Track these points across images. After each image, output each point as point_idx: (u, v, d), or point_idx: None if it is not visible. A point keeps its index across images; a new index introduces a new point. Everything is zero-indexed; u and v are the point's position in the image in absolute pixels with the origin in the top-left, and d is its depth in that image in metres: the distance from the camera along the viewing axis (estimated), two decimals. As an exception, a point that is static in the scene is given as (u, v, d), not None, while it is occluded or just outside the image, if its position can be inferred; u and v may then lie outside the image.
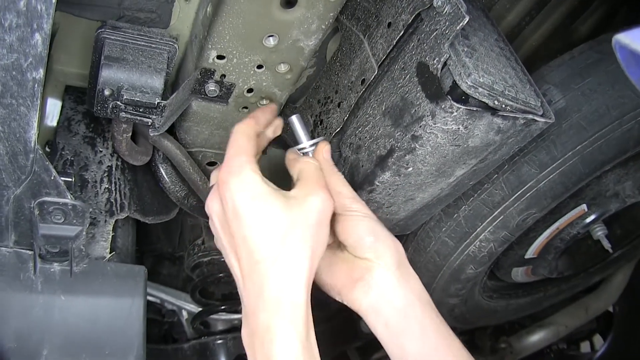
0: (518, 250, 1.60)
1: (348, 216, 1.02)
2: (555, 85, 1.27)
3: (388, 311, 0.97)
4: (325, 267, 1.02)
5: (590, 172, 1.30)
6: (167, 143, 1.18)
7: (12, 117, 0.85)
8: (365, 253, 1.00)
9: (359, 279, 0.98)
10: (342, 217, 1.03)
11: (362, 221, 1.02)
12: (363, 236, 1.01)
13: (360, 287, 0.98)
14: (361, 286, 0.98)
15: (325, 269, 1.01)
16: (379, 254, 1.00)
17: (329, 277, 1.00)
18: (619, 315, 2.53)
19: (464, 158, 1.02)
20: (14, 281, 1.00)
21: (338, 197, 1.03)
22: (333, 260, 1.02)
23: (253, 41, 1.02)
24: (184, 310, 1.93)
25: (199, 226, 1.76)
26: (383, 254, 1.00)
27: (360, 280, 0.98)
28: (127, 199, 1.23)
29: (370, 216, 1.04)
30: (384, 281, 0.98)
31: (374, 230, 1.02)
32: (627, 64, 0.71)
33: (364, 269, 0.99)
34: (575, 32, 1.51)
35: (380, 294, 0.97)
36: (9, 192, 0.94)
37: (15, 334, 0.98)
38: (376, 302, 0.97)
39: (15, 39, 0.77)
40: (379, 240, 1.01)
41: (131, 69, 1.00)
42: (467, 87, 0.91)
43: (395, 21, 1.03)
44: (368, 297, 0.97)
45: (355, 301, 0.98)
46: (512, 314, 2.02)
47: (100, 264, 1.08)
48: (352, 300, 0.99)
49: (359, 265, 1.00)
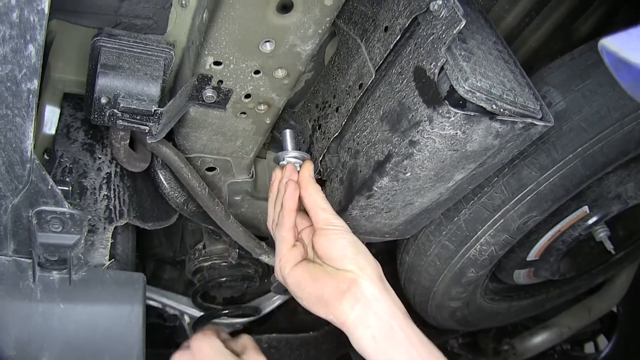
0: (520, 252, 1.59)
1: (330, 230, 1.05)
2: (555, 86, 1.26)
3: (375, 323, 0.97)
4: (310, 279, 1.02)
5: (591, 174, 1.29)
6: (166, 150, 1.18)
7: (8, 128, 0.85)
8: (348, 265, 1.01)
9: (346, 291, 0.99)
10: (324, 232, 1.05)
11: (344, 235, 1.04)
12: (345, 248, 1.02)
13: (347, 298, 0.98)
14: (348, 298, 0.98)
15: (311, 282, 1.02)
16: (361, 266, 1.01)
17: (316, 289, 1.01)
18: (623, 316, 2.52)
19: (462, 163, 1.02)
20: (14, 289, 1.00)
21: (322, 213, 1.06)
22: (317, 274, 1.03)
23: (250, 47, 1.02)
24: (186, 314, 1.92)
25: (200, 231, 1.76)
26: (365, 266, 1.01)
27: (347, 292, 0.98)
28: (126, 205, 1.23)
29: (351, 233, 1.06)
30: (369, 292, 0.99)
31: (355, 244, 1.04)
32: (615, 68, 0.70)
33: (350, 281, 0.99)
34: (576, 32, 1.50)
35: (367, 306, 0.98)
36: (6, 201, 0.94)
37: (14, 342, 0.98)
38: (364, 313, 0.97)
39: (9, 50, 0.77)
40: (359, 253, 1.03)
41: (127, 76, 1.00)
42: (464, 92, 0.91)
43: (392, 25, 1.03)
44: (354, 309, 0.98)
45: (342, 314, 0.98)
46: (515, 316, 2.01)
47: (99, 272, 1.07)
48: (340, 313, 0.99)
49: (343, 276, 1.00)
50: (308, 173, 1.10)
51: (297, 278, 1.03)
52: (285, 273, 1.04)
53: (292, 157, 1.13)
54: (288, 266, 1.04)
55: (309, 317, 2.08)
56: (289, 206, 1.06)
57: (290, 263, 1.04)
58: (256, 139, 1.28)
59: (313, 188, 1.09)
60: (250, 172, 1.42)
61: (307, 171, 1.11)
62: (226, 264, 1.70)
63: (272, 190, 1.14)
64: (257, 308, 1.94)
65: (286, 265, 1.04)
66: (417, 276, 1.55)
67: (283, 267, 1.05)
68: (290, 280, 1.04)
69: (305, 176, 1.10)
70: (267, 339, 1.90)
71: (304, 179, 1.09)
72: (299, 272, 1.03)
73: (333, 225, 1.05)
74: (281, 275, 1.06)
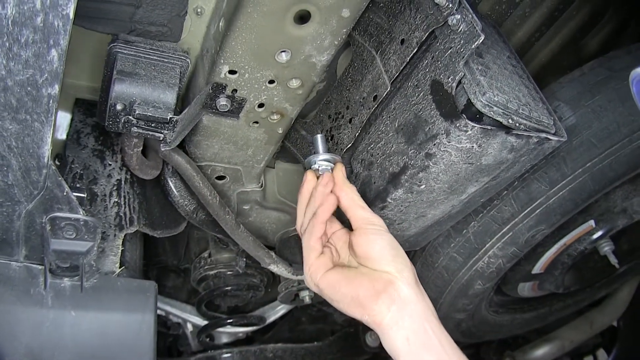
0: (525, 265, 1.60)
1: (370, 229, 1.05)
2: (565, 102, 1.27)
3: (409, 325, 0.98)
4: (345, 281, 1.03)
5: (600, 189, 1.29)
6: (178, 158, 1.17)
7: (26, 133, 0.84)
8: (386, 267, 1.01)
9: (382, 291, 0.99)
10: (364, 231, 1.05)
11: (384, 235, 1.05)
12: (384, 249, 1.03)
13: (383, 299, 0.99)
14: (384, 299, 0.99)
15: (346, 283, 1.02)
16: (399, 268, 1.01)
17: (351, 289, 1.01)
18: (623, 330, 2.52)
19: (476, 176, 1.02)
20: (25, 296, 0.99)
21: (361, 211, 1.06)
22: (352, 274, 1.04)
23: (265, 56, 1.02)
24: (189, 322, 1.92)
25: (206, 239, 1.75)
26: (402, 268, 1.01)
27: (383, 293, 0.99)
28: (136, 212, 1.22)
29: (389, 233, 1.06)
30: (405, 294, 0.99)
31: (394, 245, 1.04)
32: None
33: (387, 282, 1.00)
34: (585, 47, 1.51)
35: (402, 307, 0.98)
36: (20, 207, 0.93)
37: (25, 349, 0.97)
38: (399, 315, 0.98)
39: (31, 54, 0.77)
40: (398, 255, 1.03)
41: (144, 83, 1.00)
42: (482, 106, 0.91)
43: (408, 38, 1.03)
44: (390, 310, 0.98)
45: (378, 314, 0.99)
46: (518, 329, 2.02)
47: (111, 279, 1.07)
48: (375, 313, 0.99)
49: (380, 277, 1.01)
50: (342, 174, 1.11)
51: (331, 281, 1.03)
52: (317, 279, 1.04)
53: (323, 161, 1.12)
54: (319, 272, 1.04)
55: (312, 327, 2.08)
56: (323, 218, 1.06)
57: (321, 270, 1.04)
58: (267, 149, 1.28)
59: (349, 188, 1.09)
60: (260, 182, 1.42)
61: (340, 172, 1.12)
62: (232, 273, 1.69)
63: (303, 193, 1.14)
64: (262, 317, 1.93)
65: (317, 272, 1.04)
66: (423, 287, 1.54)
67: (314, 274, 1.05)
68: (323, 284, 1.04)
69: (340, 177, 1.11)
70: (272, 348, 1.90)
71: (339, 180, 1.10)
72: (332, 276, 1.03)
73: (372, 224, 1.05)
74: (312, 281, 1.06)
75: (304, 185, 1.13)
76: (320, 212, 1.06)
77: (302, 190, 1.13)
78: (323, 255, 1.06)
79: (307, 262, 1.07)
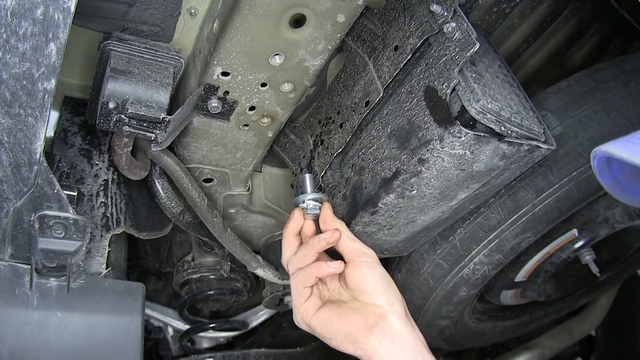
0: (509, 273, 1.61)
1: (363, 262, 1.08)
2: (552, 111, 1.29)
3: (401, 357, 0.99)
4: (337, 318, 1.04)
5: (584, 198, 1.31)
6: (167, 159, 1.16)
7: (19, 128, 0.83)
8: (378, 300, 1.04)
9: (374, 326, 1.01)
10: (356, 263, 1.08)
11: (376, 268, 1.07)
12: (377, 283, 1.06)
13: (375, 333, 1.00)
14: (376, 333, 1.00)
15: (337, 320, 1.04)
16: (391, 300, 1.04)
17: (343, 325, 1.03)
18: (601, 339, 2.55)
19: (467, 182, 1.03)
20: (9, 296, 0.97)
21: (352, 243, 1.10)
22: (343, 310, 1.06)
23: (259, 59, 1.02)
24: (170, 326, 1.89)
25: (188, 242, 1.74)
26: (394, 301, 1.04)
27: (375, 327, 1.01)
28: (122, 213, 1.21)
29: (381, 265, 1.09)
30: (396, 327, 1.01)
31: (386, 278, 1.07)
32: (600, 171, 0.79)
33: (378, 316, 1.02)
34: (571, 59, 1.53)
35: (394, 340, 1.00)
36: (8, 204, 0.92)
37: (9, 351, 0.95)
38: (390, 348, 1.00)
39: (29, 47, 0.76)
40: (390, 288, 1.06)
41: (137, 82, 0.99)
42: (475, 113, 0.92)
43: (402, 45, 1.04)
44: (382, 344, 1.00)
45: (370, 348, 1.00)
46: (500, 336, 2.03)
47: (98, 280, 1.06)
48: (367, 347, 1.01)
49: (372, 311, 1.03)
50: (329, 211, 1.16)
51: (323, 319, 1.05)
52: (308, 320, 1.07)
53: (311, 200, 1.17)
54: (310, 313, 1.07)
55: (294, 332, 2.07)
56: (315, 273, 1.07)
57: (312, 310, 1.07)
58: (256, 152, 1.28)
59: (338, 223, 1.14)
60: (247, 186, 1.41)
61: (328, 209, 1.16)
62: (215, 277, 1.68)
63: (289, 229, 1.16)
64: (245, 322, 1.92)
65: (308, 313, 1.07)
66: (408, 294, 1.55)
67: (304, 315, 1.07)
68: (315, 323, 1.06)
69: (328, 213, 1.16)
70: (255, 353, 1.88)
71: (327, 216, 1.15)
72: (323, 314, 1.06)
73: (366, 257, 1.08)
74: (303, 322, 1.09)
75: (290, 222, 1.16)
76: (315, 268, 1.07)
77: (289, 226, 1.16)
78: (312, 296, 1.09)
79: (297, 304, 1.09)
